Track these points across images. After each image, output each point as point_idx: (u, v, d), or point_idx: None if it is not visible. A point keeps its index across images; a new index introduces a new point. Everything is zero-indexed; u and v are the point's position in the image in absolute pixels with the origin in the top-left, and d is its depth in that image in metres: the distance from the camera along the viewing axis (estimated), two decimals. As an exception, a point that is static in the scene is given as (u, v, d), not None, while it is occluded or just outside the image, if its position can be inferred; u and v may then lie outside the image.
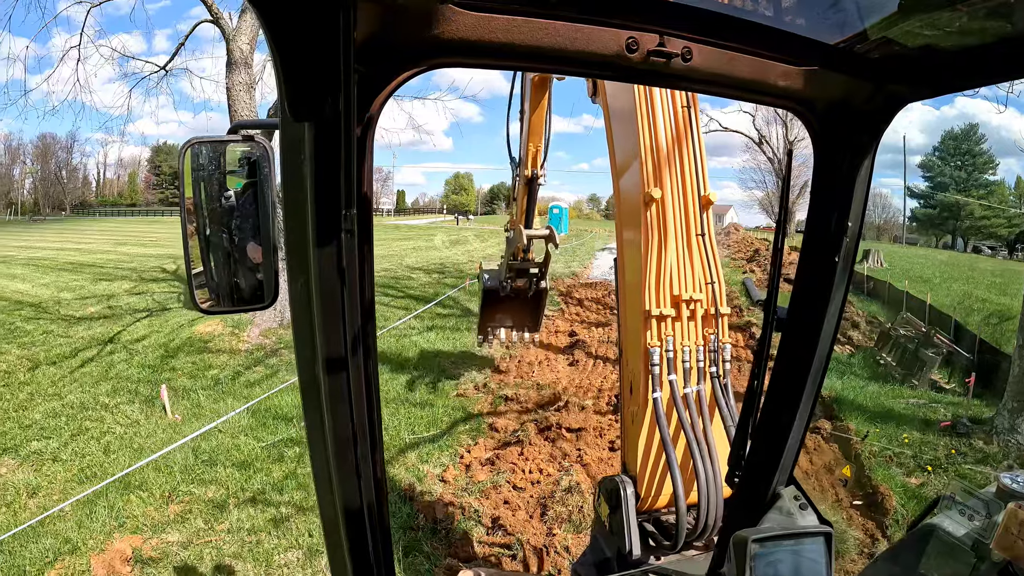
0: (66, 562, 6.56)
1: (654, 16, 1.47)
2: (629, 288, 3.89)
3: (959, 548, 2.63)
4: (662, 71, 1.53)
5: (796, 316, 2.19)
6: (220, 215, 1.75)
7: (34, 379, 12.79)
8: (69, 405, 11.25)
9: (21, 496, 8.05)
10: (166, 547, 6.83)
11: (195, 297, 1.79)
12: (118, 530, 7.17)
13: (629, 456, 3.83)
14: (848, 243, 2.01)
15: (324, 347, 1.40)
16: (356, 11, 1.16)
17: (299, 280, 1.37)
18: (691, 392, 3.64)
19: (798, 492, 2.41)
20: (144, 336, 15.43)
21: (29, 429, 10.22)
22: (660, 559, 3.61)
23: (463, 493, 8.01)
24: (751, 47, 1.60)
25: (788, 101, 1.79)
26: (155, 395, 11.32)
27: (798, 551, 2.17)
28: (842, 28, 1.62)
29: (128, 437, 9.86)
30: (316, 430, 1.52)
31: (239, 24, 14.96)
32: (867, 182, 1.96)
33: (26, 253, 37.32)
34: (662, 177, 3.66)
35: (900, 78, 1.71)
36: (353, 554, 1.63)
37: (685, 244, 3.71)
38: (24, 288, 23.70)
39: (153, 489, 8.09)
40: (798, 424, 2.28)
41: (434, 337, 15.77)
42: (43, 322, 17.49)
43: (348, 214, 1.29)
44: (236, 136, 1.67)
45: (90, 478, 8.47)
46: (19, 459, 9.12)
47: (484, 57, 1.40)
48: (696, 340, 3.70)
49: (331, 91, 1.18)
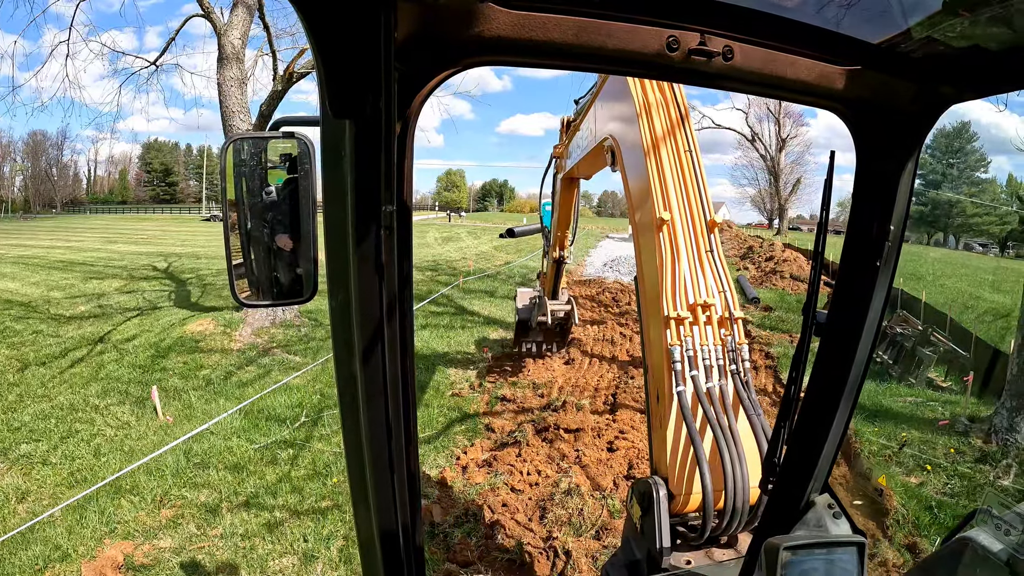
0: (56, 569, 6.44)
1: (695, 14, 1.45)
2: (649, 300, 4.07)
3: (994, 563, 2.57)
4: (703, 70, 1.51)
5: (836, 321, 2.16)
6: (261, 210, 1.81)
7: (23, 380, 12.63)
8: (59, 407, 11.12)
9: (10, 501, 7.91)
10: (158, 553, 6.71)
11: (235, 289, 1.84)
12: (109, 536, 7.05)
13: (659, 457, 3.92)
14: (890, 247, 1.98)
15: (361, 343, 1.40)
16: (396, 10, 1.18)
17: (338, 275, 1.38)
18: (714, 387, 3.76)
19: (832, 500, 2.40)
20: (135, 335, 15.29)
21: (18, 431, 10.08)
22: (690, 562, 3.64)
23: (460, 496, 7.91)
24: (793, 46, 1.59)
25: (830, 101, 1.76)
26: (146, 396, 11.19)
27: (830, 560, 2.15)
28: (885, 27, 1.59)
29: (119, 439, 9.74)
30: (351, 424, 1.51)
31: (231, 19, 14.84)
32: (910, 185, 1.92)
33: (16, 251, 37.06)
34: (671, 204, 3.99)
35: (944, 78, 1.68)
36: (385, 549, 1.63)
37: (696, 259, 3.96)
38: (13, 287, 23.46)
39: (145, 493, 7.97)
40: (834, 431, 2.26)
41: (428, 335, 15.69)
42: (32, 321, 17.30)
43: (387, 211, 1.30)
44: (277, 133, 1.72)
45: (80, 482, 8.34)
46: (8, 463, 8.99)
47: (524, 56, 1.39)
48: (714, 341, 3.85)
49: (371, 89, 1.19)
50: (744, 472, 3.53)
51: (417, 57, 1.29)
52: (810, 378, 2.28)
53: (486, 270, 27.61)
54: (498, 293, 21.37)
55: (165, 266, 28.34)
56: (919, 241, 70.76)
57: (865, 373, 2.20)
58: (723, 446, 3.54)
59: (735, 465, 3.53)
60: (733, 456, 3.54)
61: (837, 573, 2.15)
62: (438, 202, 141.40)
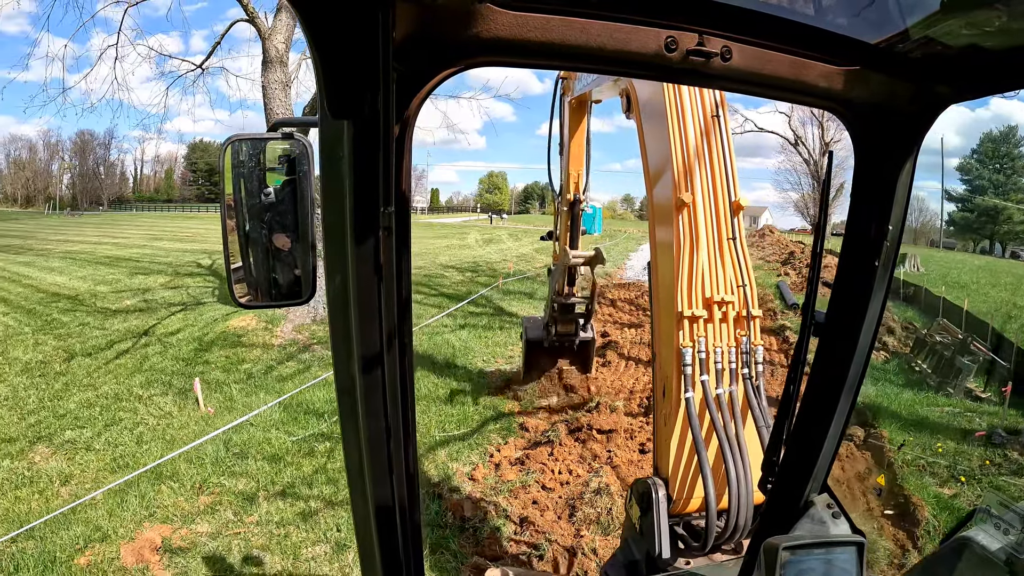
0: (96, 549, 6.66)
1: (693, 15, 1.46)
2: (662, 290, 3.93)
3: (993, 562, 2.58)
4: (701, 70, 1.52)
5: (834, 321, 2.17)
6: (260, 211, 1.76)
7: (69, 369, 13.03)
8: (103, 396, 11.44)
9: (53, 484, 8.20)
10: (195, 537, 6.91)
11: (234, 291, 1.82)
12: (148, 519, 7.28)
13: (661, 458, 3.84)
14: (888, 247, 1.99)
15: (360, 344, 1.41)
16: (395, 10, 1.18)
17: (336, 277, 1.38)
18: (723, 393, 3.67)
19: (831, 500, 2.40)
20: (179, 329, 15.64)
21: (63, 418, 10.42)
22: (689, 563, 3.61)
23: (492, 492, 8.00)
24: (791, 46, 1.59)
25: (828, 101, 1.77)
26: (188, 388, 11.44)
27: (829, 560, 2.16)
28: (883, 27, 1.59)
29: (161, 428, 10.00)
30: (350, 426, 1.52)
31: (274, 23, 15.10)
32: (908, 185, 1.94)
33: (63, 246, 38.04)
34: (693, 182, 3.77)
35: (943, 78, 1.69)
36: (383, 551, 1.64)
37: (716, 247, 3.80)
38: (61, 281, 24.16)
39: (184, 480, 8.19)
40: (833, 431, 2.27)
41: (466, 335, 15.78)
42: (79, 314, 17.83)
43: (386, 212, 1.30)
44: (276, 134, 1.69)
45: (122, 468, 8.61)
46: (52, 447, 9.30)
47: (522, 56, 1.39)
48: (728, 342, 3.75)
49: (370, 90, 1.19)
50: (749, 486, 3.48)
51: (415, 58, 1.29)
52: (809, 378, 2.29)
53: (526, 272, 27.58)
54: (537, 295, 21.36)
55: (209, 263, 28.81)
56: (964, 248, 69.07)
57: (864, 374, 2.21)
58: (728, 459, 3.48)
59: (740, 481, 3.47)
60: (739, 470, 3.48)
61: (836, 573, 2.15)
62: (480, 204, 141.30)
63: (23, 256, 33.63)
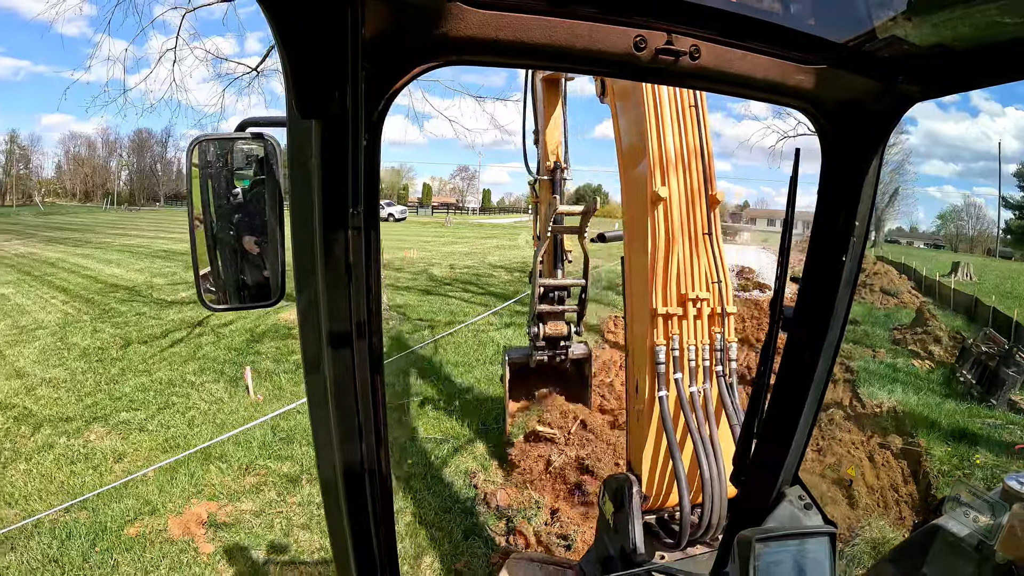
0: (145, 522, 7.02)
1: (662, 14, 1.46)
2: (636, 287, 3.86)
3: (963, 549, 2.61)
4: (670, 69, 1.53)
5: (803, 316, 2.18)
6: (228, 212, 1.76)
7: (126, 356, 13.53)
8: (157, 381, 11.85)
9: (107, 460, 8.60)
10: (239, 514, 7.24)
11: (201, 292, 1.80)
12: (196, 496, 7.62)
13: (634, 455, 3.82)
14: (855, 242, 2.00)
15: (330, 346, 1.40)
16: (364, 9, 1.17)
17: (306, 278, 1.38)
18: (696, 391, 3.61)
19: (803, 492, 2.42)
20: (231, 321, 16.03)
21: (119, 401, 10.84)
22: (664, 557, 3.60)
23: (526, 485, 8.14)
24: (760, 45, 1.60)
25: (796, 100, 1.77)
26: (239, 376, 11.79)
27: (802, 551, 2.17)
28: (851, 26, 1.60)
29: (211, 413, 10.35)
30: (322, 427, 1.51)
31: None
32: (875, 182, 1.94)
33: (121, 240, 39.19)
34: (669, 176, 3.64)
35: (909, 77, 1.69)
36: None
37: (692, 243, 3.69)
38: (119, 273, 25.03)
39: (232, 461, 8.53)
40: (803, 424, 2.28)
41: (511, 334, 15.84)
42: (136, 304, 18.49)
43: (355, 212, 1.30)
44: (244, 133, 1.66)
45: (173, 448, 8.97)
46: (108, 427, 9.70)
47: (492, 55, 1.39)
48: (702, 339, 3.67)
49: (339, 89, 1.20)
50: (722, 485, 3.44)
51: (385, 57, 1.27)
52: (778, 372, 2.30)
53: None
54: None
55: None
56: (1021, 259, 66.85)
57: (832, 366, 2.22)
58: (702, 460, 3.43)
59: (714, 481, 3.42)
60: (712, 470, 3.44)
61: (809, 563, 2.17)
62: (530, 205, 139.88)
63: (82, 248, 34.85)
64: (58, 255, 31.97)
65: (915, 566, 2.76)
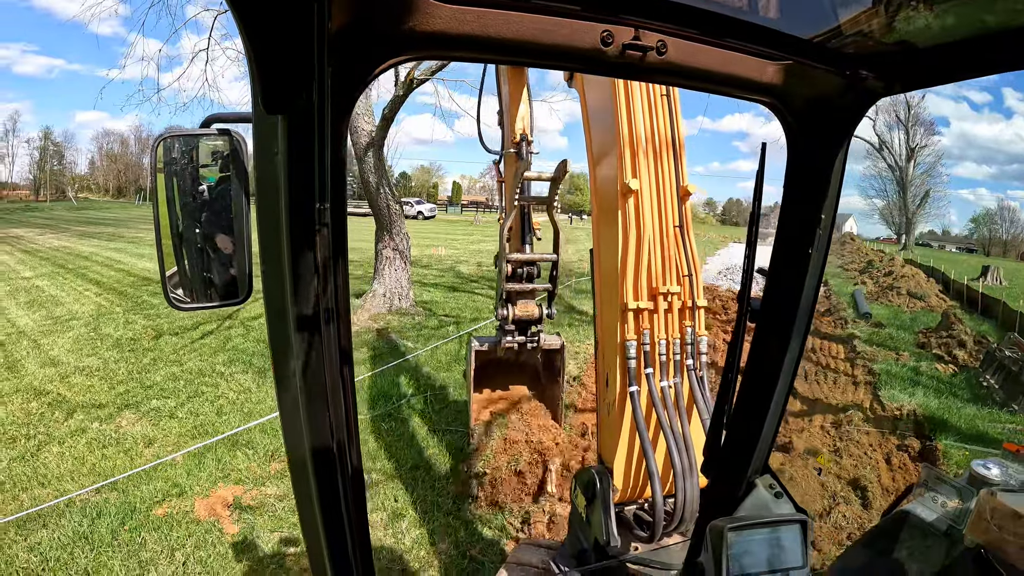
0: (172, 503, 7.25)
1: (629, 9, 1.47)
2: (606, 280, 3.82)
3: (932, 534, 2.64)
4: (637, 64, 1.53)
5: (770, 307, 2.21)
6: (194, 210, 1.73)
7: (157, 346, 13.84)
8: (188, 371, 12.10)
9: (138, 445, 8.84)
10: (264, 498, 7.44)
11: (168, 292, 1.79)
12: (222, 480, 7.84)
13: (605, 448, 3.82)
14: (821, 235, 2.03)
15: (299, 343, 1.40)
16: (331, 3, 1.16)
17: (273, 275, 1.37)
18: (667, 386, 3.60)
19: (773, 481, 2.44)
20: (261, 314, 16.03)
21: (150, 389, 11.08)
22: (638, 548, 3.62)
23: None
24: (726, 41, 1.61)
25: (762, 95, 1.80)
26: (268, 367, 11.85)
27: (774, 538, 2.21)
28: (817, 22, 1.63)
29: (240, 402, 10.56)
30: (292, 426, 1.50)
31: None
32: (840, 175, 1.98)
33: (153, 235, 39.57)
34: (640, 168, 3.59)
35: (874, 73, 1.72)
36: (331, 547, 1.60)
37: (663, 236, 3.64)
38: (151, 266, 25.35)
39: (258, 448, 8.73)
40: (772, 414, 2.31)
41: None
42: (167, 297, 18.71)
43: (322, 208, 1.29)
44: (210, 130, 1.63)
45: (201, 434, 9.18)
46: (139, 414, 9.95)
47: (459, 50, 1.40)
48: (673, 333, 3.64)
49: (305, 84, 1.18)
50: (694, 480, 3.44)
51: (352, 51, 1.26)
52: (747, 363, 2.33)
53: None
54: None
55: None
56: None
57: (800, 356, 2.24)
58: (674, 454, 3.42)
59: (686, 476, 3.42)
60: (684, 466, 3.42)
61: (781, 551, 2.20)
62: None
63: (115, 243, 35.52)
64: (92, 249, 32.67)
65: (885, 551, 2.75)
